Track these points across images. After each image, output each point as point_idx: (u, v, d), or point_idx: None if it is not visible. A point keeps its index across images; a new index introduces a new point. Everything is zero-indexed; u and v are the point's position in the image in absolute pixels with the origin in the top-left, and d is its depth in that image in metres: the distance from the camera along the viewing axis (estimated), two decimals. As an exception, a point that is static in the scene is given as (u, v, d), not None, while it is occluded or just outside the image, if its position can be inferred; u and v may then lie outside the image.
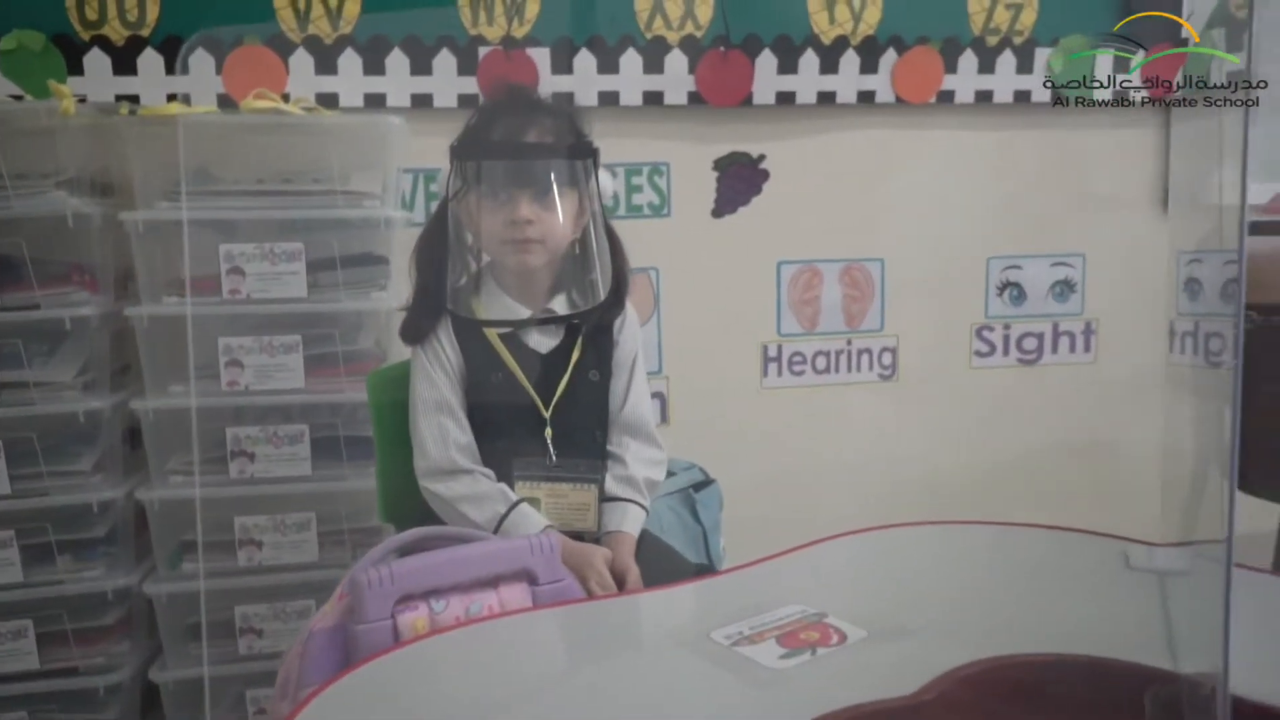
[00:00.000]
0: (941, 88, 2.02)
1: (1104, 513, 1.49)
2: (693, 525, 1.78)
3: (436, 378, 1.25)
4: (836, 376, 2.07)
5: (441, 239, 1.25)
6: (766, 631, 0.84)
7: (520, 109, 1.25)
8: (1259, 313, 1.43)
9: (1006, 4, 2.05)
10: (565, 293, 1.28)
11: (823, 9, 1.97)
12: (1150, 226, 2.18)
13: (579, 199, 1.25)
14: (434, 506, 1.25)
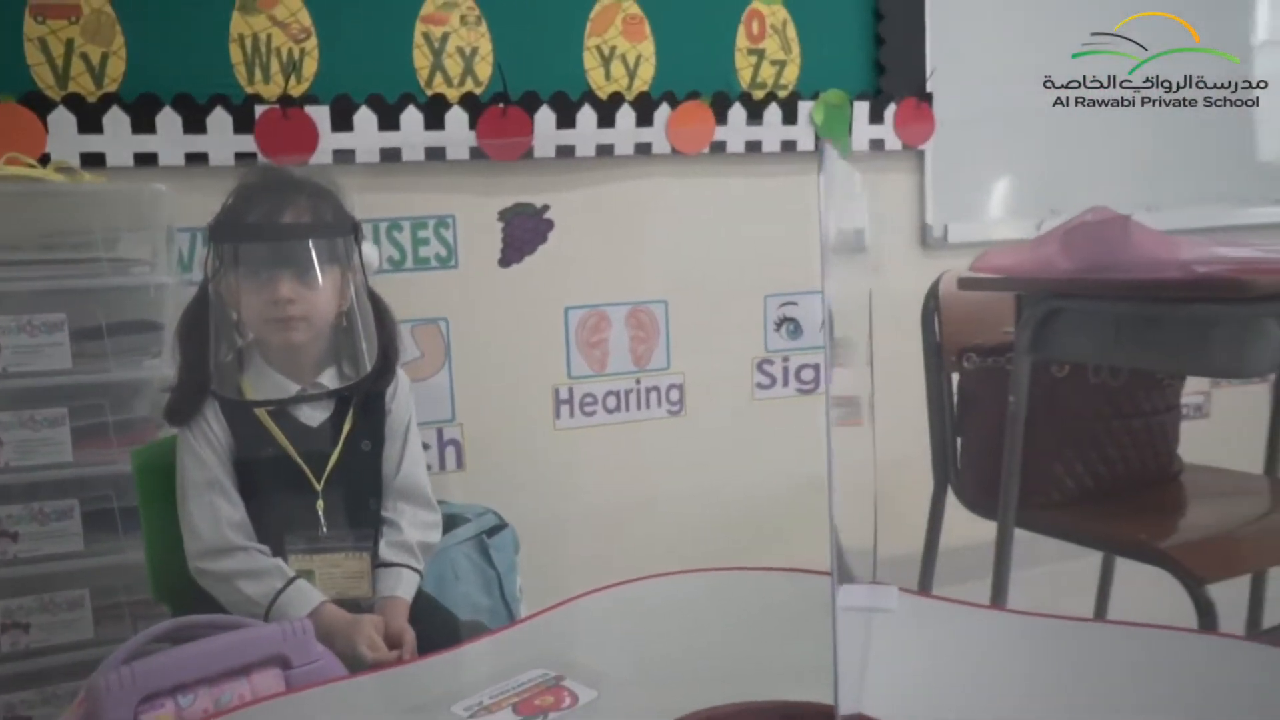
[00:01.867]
0: (714, 139, 2.15)
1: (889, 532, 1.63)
2: (487, 570, 1.83)
3: (205, 457, 1.26)
4: (627, 415, 2.17)
5: (203, 318, 1.25)
6: (505, 699, 0.90)
7: (276, 189, 1.27)
8: (977, 354, 1.60)
9: (771, 60, 2.20)
10: (334, 365, 1.31)
11: (599, 66, 2.06)
12: (911, 262, 2.39)
13: (342, 273, 1.28)
14: (207, 587, 1.25)
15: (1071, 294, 1.31)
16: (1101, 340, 1.33)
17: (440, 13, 1.95)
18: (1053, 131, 2.53)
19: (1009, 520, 1.47)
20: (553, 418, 2.12)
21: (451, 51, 1.96)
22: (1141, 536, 1.38)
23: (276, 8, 1.85)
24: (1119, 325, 1.30)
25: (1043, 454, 1.53)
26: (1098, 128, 2.57)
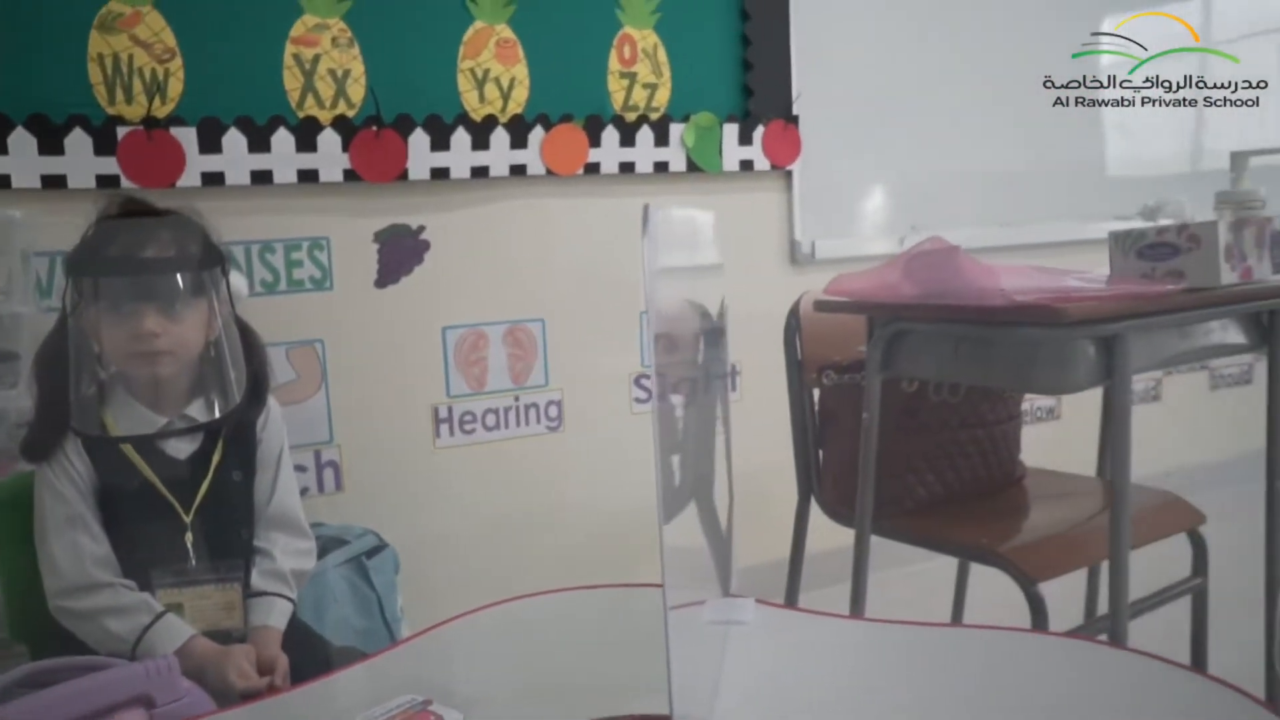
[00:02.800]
0: (588, 160, 2.20)
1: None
2: (367, 592, 1.84)
3: (66, 493, 1.24)
4: (507, 432, 2.20)
5: (62, 350, 1.24)
6: (372, 728, 0.93)
7: (138, 221, 1.26)
8: (836, 371, 1.70)
9: (643, 84, 2.27)
10: (202, 397, 1.31)
11: (473, 89, 2.09)
12: (781, 278, 2.49)
13: (208, 305, 1.28)
14: (70, 626, 1.23)
15: (914, 317, 1.41)
16: (942, 359, 1.43)
17: (311, 35, 1.95)
18: (915, 151, 2.67)
19: (865, 528, 1.56)
20: (432, 437, 2.13)
21: (323, 74, 1.96)
22: (981, 540, 1.49)
23: (138, 27, 1.82)
24: (957, 345, 1.40)
25: (896, 464, 1.63)
26: (958, 146, 2.72)
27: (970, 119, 2.75)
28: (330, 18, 1.96)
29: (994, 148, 2.80)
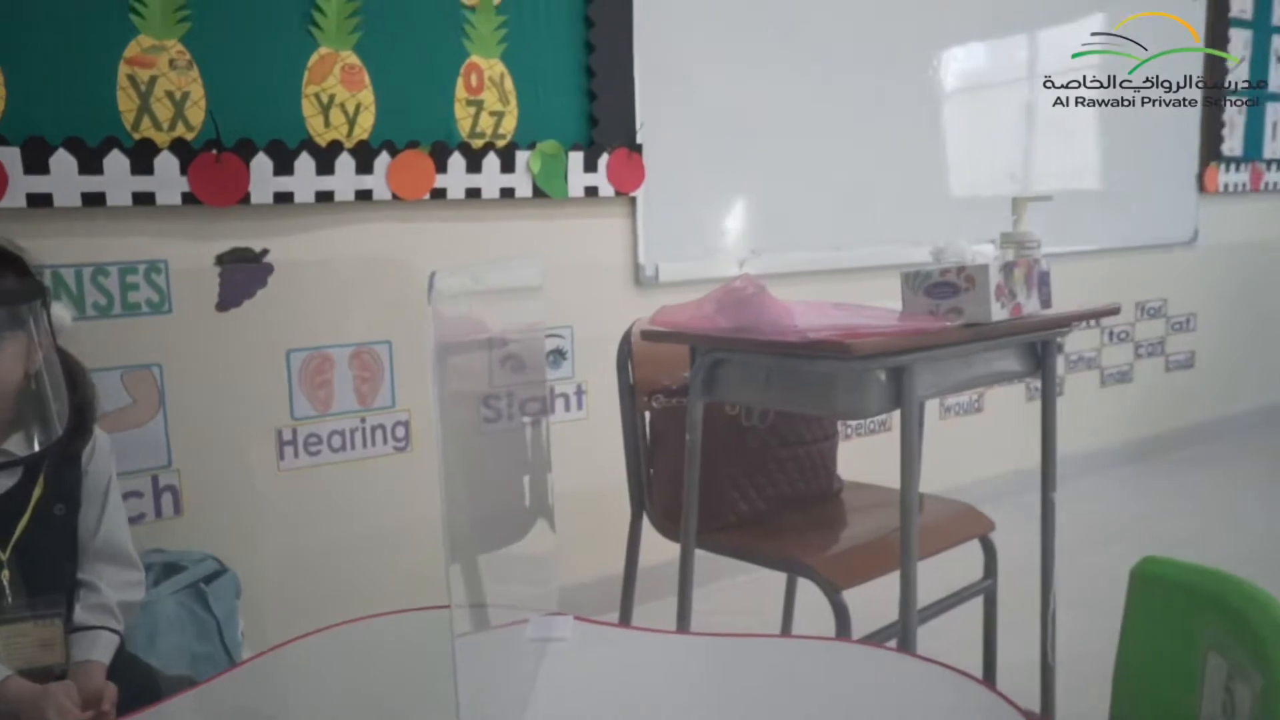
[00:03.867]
0: (434, 186, 2.25)
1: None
2: (205, 618, 1.83)
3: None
4: (353, 453, 2.22)
5: None
6: (190, 757, 0.96)
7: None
8: (665, 394, 1.80)
9: (490, 112, 2.32)
10: (22, 430, 1.30)
11: (317, 114, 2.11)
12: (626, 300, 2.58)
13: (28, 338, 1.28)
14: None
15: (729, 348, 1.52)
16: (755, 386, 1.54)
17: (147, 55, 1.93)
18: (756, 177, 2.81)
19: (690, 543, 1.67)
20: (276, 459, 2.14)
21: (160, 95, 1.94)
22: (792, 552, 1.61)
23: (-42, 44, 1.77)
24: (767, 374, 1.52)
25: (720, 482, 1.74)
26: (798, 172, 2.88)
27: (810, 146, 2.92)
28: (168, 39, 1.94)
29: (833, 173, 2.98)
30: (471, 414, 1.28)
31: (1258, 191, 4.33)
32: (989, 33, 3.41)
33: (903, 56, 3.13)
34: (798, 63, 2.87)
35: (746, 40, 2.76)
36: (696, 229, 2.73)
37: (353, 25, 2.12)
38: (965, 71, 3.35)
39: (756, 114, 2.80)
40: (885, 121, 3.11)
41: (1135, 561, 0.99)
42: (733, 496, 1.75)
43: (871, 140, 3.08)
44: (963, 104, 3.33)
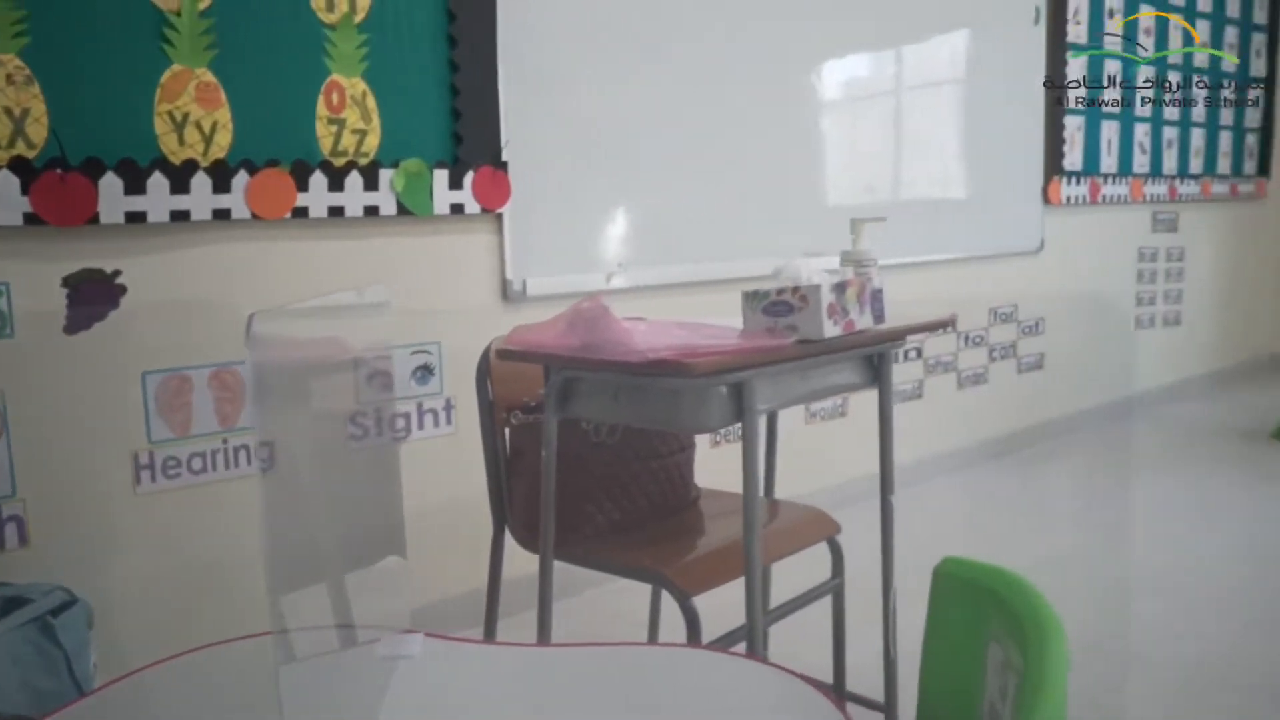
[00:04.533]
0: (295, 204, 2.24)
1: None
2: (52, 652, 1.79)
3: None
4: (215, 475, 2.19)
5: None
6: (22, 794, 0.96)
7: None
8: (523, 410, 1.84)
9: (352, 130, 2.33)
10: None
11: (171, 132, 2.08)
12: (494, 316, 2.61)
13: None
14: None
15: (580, 367, 1.57)
16: (606, 403, 1.60)
17: (-16, 72, 1.87)
18: (622, 192, 2.88)
19: (548, 556, 1.71)
20: (132, 484, 2.09)
21: (-1, 113, 1.89)
22: (646, 562, 1.67)
23: None
24: (616, 392, 1.58)
25: (578, 495, 1.79)
26: (664, 187, 2.96)
27: (684, 159, 3.01)
28: (4, 54, 1.89)
29: (706, 186, 3.07)
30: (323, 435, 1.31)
31: (1096, 203, 4.64)
32: (860, 46, 3.58)
33: (776, 70, 3.25)
34: (670, 77, 2.96)
35: (617, 56, 2.83)
36: (566, 243, 2.78)
37: (207, 43, 2.10)
38: (837, 84, 3.51)
39: (628, 128, 2.87)
40: (759, 134, 3.23)
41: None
42: (590, 510, 1.81)
43: (745, 153, 3.19)
44: (835, 116, 3.47)
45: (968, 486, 3.88)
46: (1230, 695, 2.17)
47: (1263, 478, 3.87)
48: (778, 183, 3.30)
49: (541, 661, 1.22)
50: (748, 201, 3.21)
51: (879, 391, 1.80)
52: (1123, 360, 5.00)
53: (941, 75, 3.93)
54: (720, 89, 3.10)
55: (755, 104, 3.20)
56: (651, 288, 2.93)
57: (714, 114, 3.10)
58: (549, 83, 2.69)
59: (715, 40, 3.07)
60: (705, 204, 3.10)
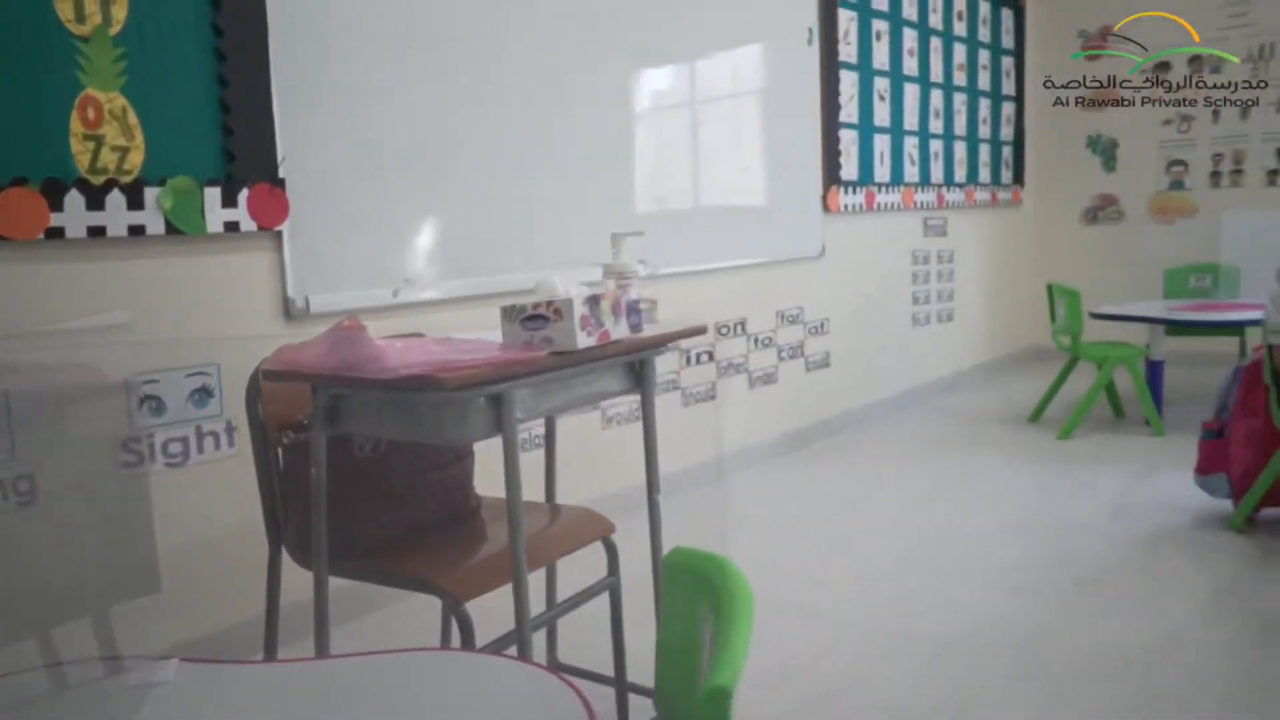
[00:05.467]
0: (49, 225, 2.14)
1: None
2: None
3: None
4: (-35, 512, 2.07)
5: None
6: None
7: None
8: (295, 430, 1.84)
9: (112, 147, 2.25)
10: None
11: (-100, 150, 1.95)
12: (277, 334, 2.58)
13: None
14: None
15: (343, 384, 1.60)
16: (372, 419, 1.64)
17: None
18: (408, 207, 2.90)
19: (323, 572, 1.72)
20: None
21: None
22: (418, 571, 1.71)
23: None
24: (380, 408, 1.61)
25: (354, 510, 1.81)
26: (451, 201, 2.99)
27: (478, 171, 3.05)
28: None
29: (491, 200, 3.12)
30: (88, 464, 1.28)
31: (872, 210, 4.99)
32: (650, 61, 3.72)
33: (569, 82, 3.33)
34: (459, 90, 3.00)
35: (403, 69, 2.84)
36: (352, 259, 2.77)
37: (-61, 56, 1.99)
38: (632, 97, 3.64)
39: (416, 142, 2.89)
40: (554, 146, 3.32)
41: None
42: (365, 524, 1.83)
43: (540, 165, 3.27)
44: (630, 128, 3.60)
45: (761, 481, 4.09)
46: (989, 658, 2.41)
47: (1022, 457, 4.28)
48: (574, 194, 3.39)
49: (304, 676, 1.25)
50: (542, 213, 3.29)
51: (641, 396, 1.90)
52: (903, 356, 5.40)
53: (729, 90, 4.14)
54: (512, 102, 3.16)
55: (548, 116, 3.29)
56: (443, 301, 2.96)
57: (506, 127, 3.16)
58: (329, 97, 2.68)
59: (506, 53, 3.13)
60: (499, 216, 3.15)
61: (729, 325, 4.15)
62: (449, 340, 1.64)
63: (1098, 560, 3.03)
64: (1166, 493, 3.65)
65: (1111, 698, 2.18)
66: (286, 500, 1.85)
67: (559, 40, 3.32)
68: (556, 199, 3.33)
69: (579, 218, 3.40)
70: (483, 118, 3.09)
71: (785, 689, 2.28)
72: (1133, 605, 2.68)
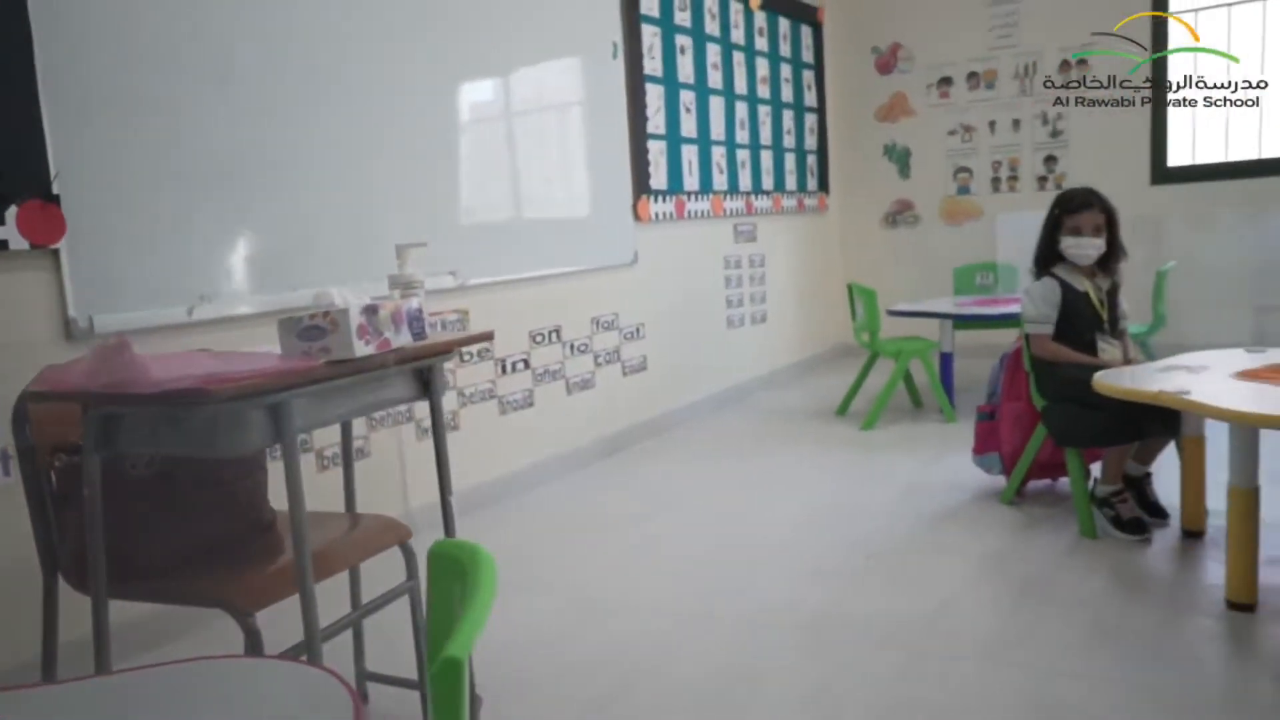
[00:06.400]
0: None
1: None
2: None
3: None
4: None
5: None
6: None
7: None
8: (66, 452, 1.80)
9: None
10: None
11: None
12: (57, 355, 2.48)
13: None
14: None
15: (113, 402, 1.58)
16: (146, 435, 1.62)
17: None
18: (206, 222, 2.83)
19: (101, 594, 1.69)
20: None
21: None
22: (204, 587, 1.71)
23: None
24: (155, 424, 1.60)
25: (134, 531, 1.78)
26: (257, 214, 2.94)
27: (269, 186, 3.00)
28: None
29: (293, 214, 3.09)
30: None
31: (683, 219, 5.18)
32: (478, 73, 3.75)
33: (377, 94, 3.32)
34: (257, 100, 2.94)
35: (192, 81, 2.77)
36: (141, 276, 2.68)
37: None
38: (454, 110, 3.66)
39: (211, 155, 2.82)
40: (358, 159, 3.30)
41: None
42: (149, 544, 1.80)
43: (344, 178, 3.25)
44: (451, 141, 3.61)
45: (582, 483, 4.19)
46: (783, 634, 2.57)
47: (827, 449, 4.54)
48: (387, 208, 3.39)
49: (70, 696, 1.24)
50: (354, 227, 3.27)
51: (430, 403, 1.95)
52: (718, 357, 5.62)
53: (542, 104, 4.23)
54: (320, 115, 3.14)
55: (359, 130, 3.27)
56: (244, 318, 2.91)
57: (308, 139, 3.13)
58: (108, 109, 2.59)
59: (304, 63, 3.10)
60: (305, 231, 3.12)
61: (544, 333, 4.23)
62: (226, 354, 1.64)
63: (886, 539, 3.27)
64: (953, 474, 3.96)
65: (888, 662, 2.38)
66: (62, 525, 1.80)
67: (373, 53, 3.31)
68: (367, 213, 3.32)
69: (395, 231, 3.40)
70: (286, 130, 3.05)
71: (590, 680, 2.37)
72: (913, 577, 2.92)
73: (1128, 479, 3.28)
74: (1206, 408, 2.50)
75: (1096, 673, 2.26)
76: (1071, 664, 2.31)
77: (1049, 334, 3.33)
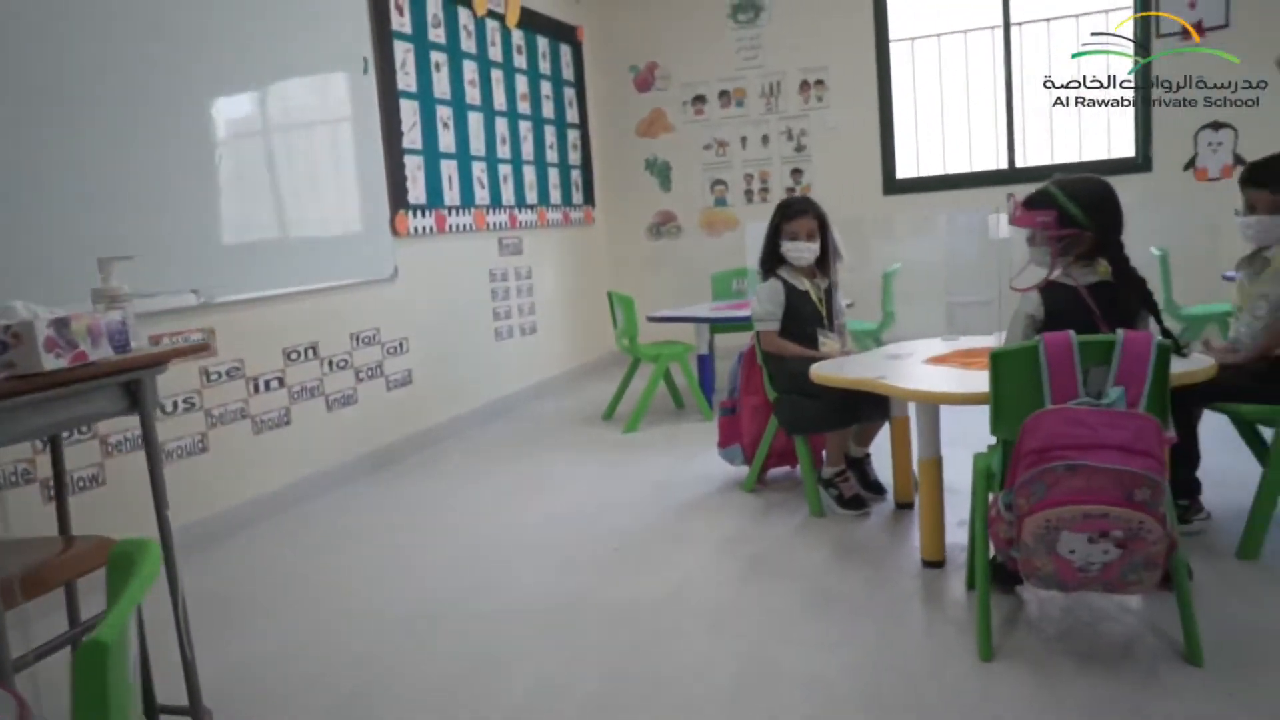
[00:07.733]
0: None
1: None
2: None
3: None
4: None
5: None
6: None
7: None
8: None
9: None
10: None
11: None
12: None
13: None
14: None
15: None
16: None
17: None
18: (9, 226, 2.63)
19: None
20: None
21: None
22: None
23: None
24: None
25: None
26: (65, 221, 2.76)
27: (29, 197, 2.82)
28: None
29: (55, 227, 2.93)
30: None
31: (444, 233, 5.23)
32: (233, 89, 3.66)
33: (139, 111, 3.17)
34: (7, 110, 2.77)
35: None
36: None
37: None
38: (204, 124, 3.54)
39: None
40: (128, 173, 3.16)
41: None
42: None
43: (115, 192, 3.10)
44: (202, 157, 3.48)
45: (347, 499, 4.15)
46: (530, 622, 2.67)
47: (590, 452, 4.70)
48: (140, 227, 3.25)
49: None
50: (119, 241, 3.11)
51: (140, 417, 1.93)
52: (487, 369, 5.69)
53: (296, 120, 4.16)
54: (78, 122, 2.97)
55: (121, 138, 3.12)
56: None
57: (75, 149, 2.97)
58: None
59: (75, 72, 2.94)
60: (61, 244, 2.95)
61: (299, 350, 4.16)
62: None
63: (635, 531, 3.45)
64: (704, 468, 4.21)
65: (627, 641, 2.53)
66: None
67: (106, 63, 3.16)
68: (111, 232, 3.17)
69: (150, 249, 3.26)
70: (45, 143, 2.89)
71: (334, 687, 2.38)
72: (656, 563, 3.10)
73: (850, 460, 3.62)
74: (895, 389, 2.82)
75: (811, 636, 2.50)
76: (789, 630, 2.54)
77: (776, 330, 3.63)
